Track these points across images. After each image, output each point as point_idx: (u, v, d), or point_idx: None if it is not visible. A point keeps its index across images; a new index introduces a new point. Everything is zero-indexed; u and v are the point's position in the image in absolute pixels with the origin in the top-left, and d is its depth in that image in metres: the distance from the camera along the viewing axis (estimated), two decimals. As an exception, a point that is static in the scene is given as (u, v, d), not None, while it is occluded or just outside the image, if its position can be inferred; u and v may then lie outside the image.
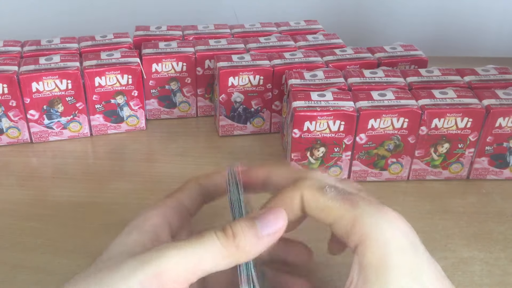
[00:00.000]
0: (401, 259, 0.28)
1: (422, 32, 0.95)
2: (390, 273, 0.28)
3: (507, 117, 0.53)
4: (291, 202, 0.32)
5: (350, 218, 0.29)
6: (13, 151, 0.61)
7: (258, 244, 0.29)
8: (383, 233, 0.29)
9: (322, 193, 0.31)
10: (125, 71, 0.61)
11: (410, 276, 0.28)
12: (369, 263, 0.28)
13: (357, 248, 0.29)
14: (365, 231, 0.29)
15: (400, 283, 0.28)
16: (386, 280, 0.28)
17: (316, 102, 0.53)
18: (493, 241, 0.49)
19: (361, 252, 0.29)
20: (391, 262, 0.28)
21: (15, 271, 0.44)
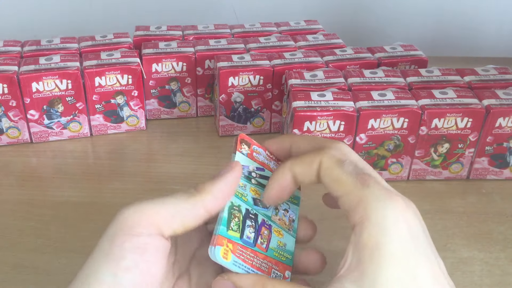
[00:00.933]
0: (398, 249, 0.28)
1: (422, 32, 0.95)
2: (383, 259, 0.28)
3: (507, 117, 0.53)
4: (309, 166, 0.32)
5: (357, 196, 0.29)
6: (13, 151, 0.61)
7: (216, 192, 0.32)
8: (385, 219, 0.28)
9: (339, 164, 0.31)
10: (125, 71, 0.61)
11: (404, 268, 0.28)
12: (364, 244, 0.28)
13: (355, 227, 0.29)
14: (367, 212, 0.29)
15: (392, 272, 0.27)
16: (379, 265, 0.27)
17: (316, 102, 0.54)
18: (493, 241, 0.49)
19: (358, 232, 0.29)
20: (386, 249, 0.28)
21: (15, 271, 0.44)
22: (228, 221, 0.33)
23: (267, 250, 0.34)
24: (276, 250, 0.34)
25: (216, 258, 0.31)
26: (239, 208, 0.34)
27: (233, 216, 0.33)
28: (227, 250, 0.32)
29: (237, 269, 0.32)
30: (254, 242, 0.33)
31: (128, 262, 0.28)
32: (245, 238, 0.33)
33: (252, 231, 0.34)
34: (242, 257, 0.32)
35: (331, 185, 0.31)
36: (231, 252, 0.32)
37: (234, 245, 0.32)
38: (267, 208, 0.35)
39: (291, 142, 0.37)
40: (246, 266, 0.32)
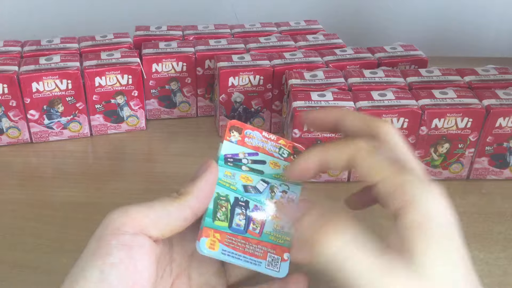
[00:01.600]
0: (443, 231, 0.28)
1: (422, 32, 0.95)
2: (431, 239, 0.28)
3: (507, 117, 0.53)
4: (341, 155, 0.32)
5: (396, 181, 0.29)
6: (13, 151, 0.61)
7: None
8: (427, 202, 0.29)
9: (374, 153, 0.31)
10: (125, 71, 0.61)
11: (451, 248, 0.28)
12: (410, 225, 0.28)
13: (398, 210, 0.29)
14: (409, 197, 0.29)
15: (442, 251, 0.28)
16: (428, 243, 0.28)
17: (316, 102, 0.54)
18: (493, 241, 0.49)
19: (403, 214, 0.29)
20: (433, 230, 0.28)
21: (15, 271, 0.44)
22: (214, 212, 0.33)
23: (261, 235, 0.34)
24: (272, 234, 0.34)
25: (202, 251, 0.32)
26: (226, 198, 0.34)
27: (219, 206, 0.34)
28: (214, 241, 0.32)
29: (227, 258, 0.32)
30: (245, 228, 0.34)
31: (113, 258, 0.29)
32: (234, 226, 0.34)
33: (242, 219, 0.34)
34: (232, 245, 0.33)
35: (369, 171, 0.31)
36: (218, 241, 0.32)
37: (222, 234, 0.33)
38: (261, 193, 0.35)
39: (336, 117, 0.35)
40: (236, 253, 0.33)
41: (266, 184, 0.36)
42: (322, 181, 0.57)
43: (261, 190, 0.36)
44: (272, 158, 0.37)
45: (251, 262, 0.33)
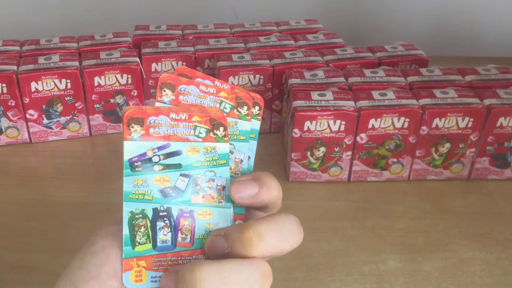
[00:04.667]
0: None
1: (422, 31, 0.94)
2: None
3: (508, 117, 0.53)
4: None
5: None
6: (12, 151, 0.61)
7: None
8: None
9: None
10: (124, 71, 0.61)
11: None
12: None
13: None
14: None
15: None
16: None
17: (316, 102, 0.53)
18: (494, 241, 0.49)
19: None
20: None
21: (15, 271, 0.44)
22: (131, 238, 0.29)
23: (194, 243, 0.29)
24: (206, 237, 0.29)
25: (128, 286, 0.28)
26: (143, 214, 0.29)
27: (136, 228, 0.29)
28: (139, 271, 0.28)
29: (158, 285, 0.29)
30: (173, 242, 0.29)
31: (96, 247, 0.28)
32: (159, 244, 0.29)
33: (167, 232, 0.29)
34: (163, 267, 0.29)
35: None
36: (145, 270, 0.28)
37: (147, 259, 0.29)
38: (183, 191, 0.30)
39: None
40: None
41: (188, 179, 0.30)
42: (323, 181, 0.56)
43: (183, 188, 0.30)
44: (188, 143, 0.30)
45: None
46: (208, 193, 0.30)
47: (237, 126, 0.31)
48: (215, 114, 0.30)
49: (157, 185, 0.29)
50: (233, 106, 0.31)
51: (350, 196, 0.55)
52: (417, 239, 0.49)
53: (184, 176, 0.30)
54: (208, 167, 0.30)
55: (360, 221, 0.51)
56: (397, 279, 0.45)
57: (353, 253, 0.48)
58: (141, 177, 0.29)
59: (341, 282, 0.45)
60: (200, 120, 0.30)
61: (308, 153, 0.54)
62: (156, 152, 0.29)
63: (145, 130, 0.29)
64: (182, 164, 0.30)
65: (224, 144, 0.30)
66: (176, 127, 0.30)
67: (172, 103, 0.30)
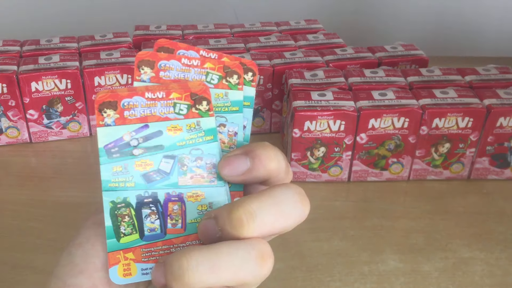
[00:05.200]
0: None
1: (422, 31, 0.94)
2: None
3: (508, 117, 0.53)
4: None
5: None
6: (13, 151, 0.61)
7: None
8: None
9: None
10: (124, 71, 0.61)
11: None
12: None
13: None
14: None
15: None
16: None
17: (316, 102, 0.53)
18: (494, 241, 0.49)
19: None
20: None
21: (15, 271, 0.44)
22: (115, 229, 0.26)
23: (186, 228, 0.27)
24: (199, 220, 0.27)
25: (116, 282, 0.26)
26: (125, 202, 0.27)
27: (120, 218, 0.26)
28: (127, 264, 0.26)
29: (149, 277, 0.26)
30: (163, 230, 0.27)
31: (81, 238, 0.27)
32: (147, 233, 0.27)
33: (154, 219, 0.27)
34: (153, 258, 0.27)
35: None
36: (134, 262, 0.26)
37: (135, 251, 0.26)
38: (169, 174, 0.27)
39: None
40: None
41: (172, 160, 0.27)
42: (323, 181, 0.56)
43: (168, 171, 0.27)
44: (169, 122, 0.27)
45: None
46: (196, 173, 0.27)
47: (228, 97, 0.28)
48: (196, 88, 0.27)
49: (139, 170, 0.27)
50: (221, 76, 0.29)
51: (350, 196, 0.55)
52: (417, 239, 0.49)
53: (168, 158, 0.27)
54: (193, 145, 0.28)
55: (360, 221, 0.51)
56: (397, 279, 0.45)
57: (353, 253, 0.48)
58: (120, 164, 0.27)
59: (341, 282, 0.45)
60: (179, 97, 0.28)
61: (308, 153, 0.54)
62: (133, 136, 0.27)
63: (119, 113, 0.27)
64: (164, 145, 0.27)
65: (210, 119, 0.28)
66: (154, 107, 0.27)
67: (152, 81, 0.28)
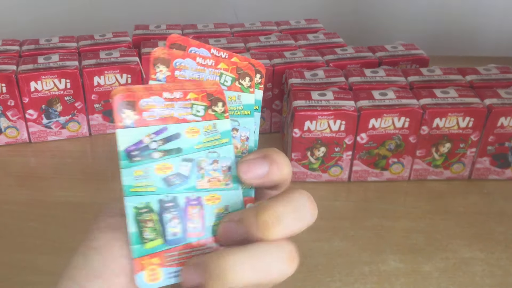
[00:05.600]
0: None
1: (423, 31, 0.94)
2: None
3: (509, 117, 0.53)
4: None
5: None
6: (12, 151, 0.61)
7: None
8: None
9: None
10: (124, 71, 0.61)
11: None
12: None
13: None
14: None
15: None
16: None
17: (316, 102, 0.53)
18: (495, 242, 0.49)
19: None
20: None
21: (15, 271, 0.44)
22: (139, 235, 0.26)
23: (205, 231, 0.27)
24: (217, 223, 0.27)
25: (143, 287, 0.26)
26: (148, 207, 0.27)
27: (143, 224, 0.26)
28: (153, 269, 0.26)
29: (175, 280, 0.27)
30: (184, 233, 0.27)
31: (97, 242, 0.27)
32: (170, 238, 0.27)
33: (176, 224, 0.27)
34: (177, 261, 0.27)
35: None
36: (159, 267, 0.26)
37: (160, 256, 0.26)
38: (187, 177, 0.27)
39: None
40: None
41: (190, 163, 0.27)
42: (323, 181, 0.56)
43: (187, 174, 0.27)
44: (187, 124, 0.27)
45: None
46: (213, 176, 0.27)
47: (240, 100, 0.28)
48: (211, 88, 0.27)
49: (159, 174, 0.27)
50: (234, 78, 0.29)
51: (350, 196, 0.55)
52: (418, 239, 0.49)
53: (186, 161, 0.27)
54: (210, 148, 0.27)
55: (360, 221, 0.51)
56: (397, 279, 0.45)
57: (353, 253, 0.47)
58: (141, 168, 0.27)
59: (341, 282, 0.45)
60: (196, 97, 0.27)
61: (308, 153, 0.54)
62: (153, 138, 0.27)
63: (138, 114, 0.27)
64: (182, 148, 0.27)
65: (225, 121, 0.28)
66: (171, 108, 0.27)
67: (168, 80, 0.27)
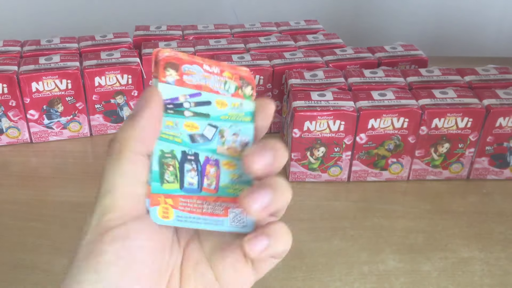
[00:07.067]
0: None
1: (422, 31, 0.94)
2: None
3: (507, 117, 0.53)
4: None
5: None
6: (13, 151, 0.61)
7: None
8: None
9: None
10: (125, 71, 0.61)
11: None
12: None
13: None
14: None
15: None
16: None
17: (316, 102, 0.53)
18: (494, 241, 0.49)
19: None
20: None
21: (15, 271, 0.44)
22: (160, 174, 0.29)
23: (218, 190, 0.30)
24: (230, 186, 0.30)
25: (156, 221, 0.28)
26: (172, 154, 0.29)
27: (166, 166, 0.29)
28: (167, 208, 0.29)
29: (184, 224, 0.29)
30: (199, 186, 0.30)
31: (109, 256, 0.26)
32: (186, 186, 0.30)
33: (194, 175, 0.30)
34: (188, 208, 0.30)
35: None
36: (172, 208, 0.29)
37: (174, 198, 0.29)
38: (210, 140, 0.30)
39: None
40: (194, 216, 0.30)
41: (215, 129, 0.30)
42: (322, 181, 0.56)
43: (210, 137, 0.30)
44: (218, 96, 0.30)
45: (212, 223, 0.30)
46: (232, 146, 0.30)
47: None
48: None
49: (186, 130, 0.30)
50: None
51: (350, 196, 0.55)
52: (417, 239, 0.49)
53: (212, 126, 0.30)
54: (234, 122, 0.31)
55: (360, 221, 0.52)
56: (397, 279, 0.45)
57: (353, 253, 0.48)
58: (172, 120, 0.29)
59: (341, 282, 0.45)
60: (230, 76, 0.31)
61: (308, 153, 0.55)
62: (187, 99, 0.30)
63: (179, 76, 0.29)
64: (210, 115, 0.30)
65: (251, 103, 0.31)
66: (208, 79, 0.30)
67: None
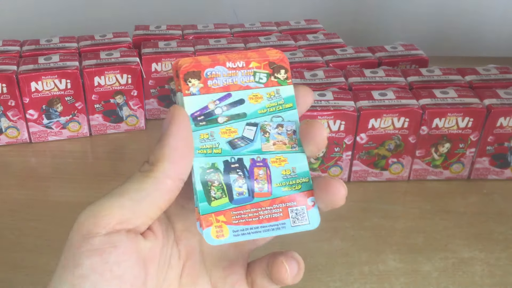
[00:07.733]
0: None
1: (423, 31, 0.94)
2: None
3: (508, 117, 0.53)
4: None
5: None
6: (12, 151, 0.61)
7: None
8: None
9: None
10: (124, 71, 0.61)
11: None
12: None
13: None
14: None
15: None
16: None
17: (316, 102, 0.53)
18: (494, 242, 0.49)
19: None
20: None
21: (15, 271, 0.44)
22: (206, 193, 0.27)
23: (272, 192, 0.28)
24: (284, 184, 0.28)
25: (211, 242, 0.27)
26: (214, 168, 0.28)
27: (209, 183, 0.28)
28: (220, 226, 0.27)
29: (243, 238, 0.27)
30: (251, 193, 0.28)
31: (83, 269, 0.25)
32: (236, 197, 0.28)
33: (242, 183, 0.28)
34: (243, 220, 0.28)
35: None
36: (225, 224, 0.27)
37: (226, 214, 0.27)
38: (252, 141, 0.29)
39: None
40: (252, 227, 0.27)
41: (255, 127, 0.29)
42: (323, 181, 0.56)
43: (252, 138, 0.29)
44: (250, 91, 0.29)
45: (274, 228, 0.28)
46: (278, 140, 0.29)
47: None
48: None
49: (224, 137, 0.28)
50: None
51: (350, 196, 0.54)
52: (417, 239, 0.49)
53: (251, 125, 0.29)
54: (274, 113, 0.29)
55: (360, 221, 0.51)
56: (397, 279, 0.45)
57: (353, 253, 0.48)
58: (206, 131, 0.28)
59: (341, 282, 0.45)
60: (258, 66, 0.29)
61: (308, 153, 0.54)
62: (218, 104, 0.28)
63: (203, 83, 0.28)
64: (246, 113, 0.29)
65: (288, 87, 0.29)
66: (235, 76, 0.29)
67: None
